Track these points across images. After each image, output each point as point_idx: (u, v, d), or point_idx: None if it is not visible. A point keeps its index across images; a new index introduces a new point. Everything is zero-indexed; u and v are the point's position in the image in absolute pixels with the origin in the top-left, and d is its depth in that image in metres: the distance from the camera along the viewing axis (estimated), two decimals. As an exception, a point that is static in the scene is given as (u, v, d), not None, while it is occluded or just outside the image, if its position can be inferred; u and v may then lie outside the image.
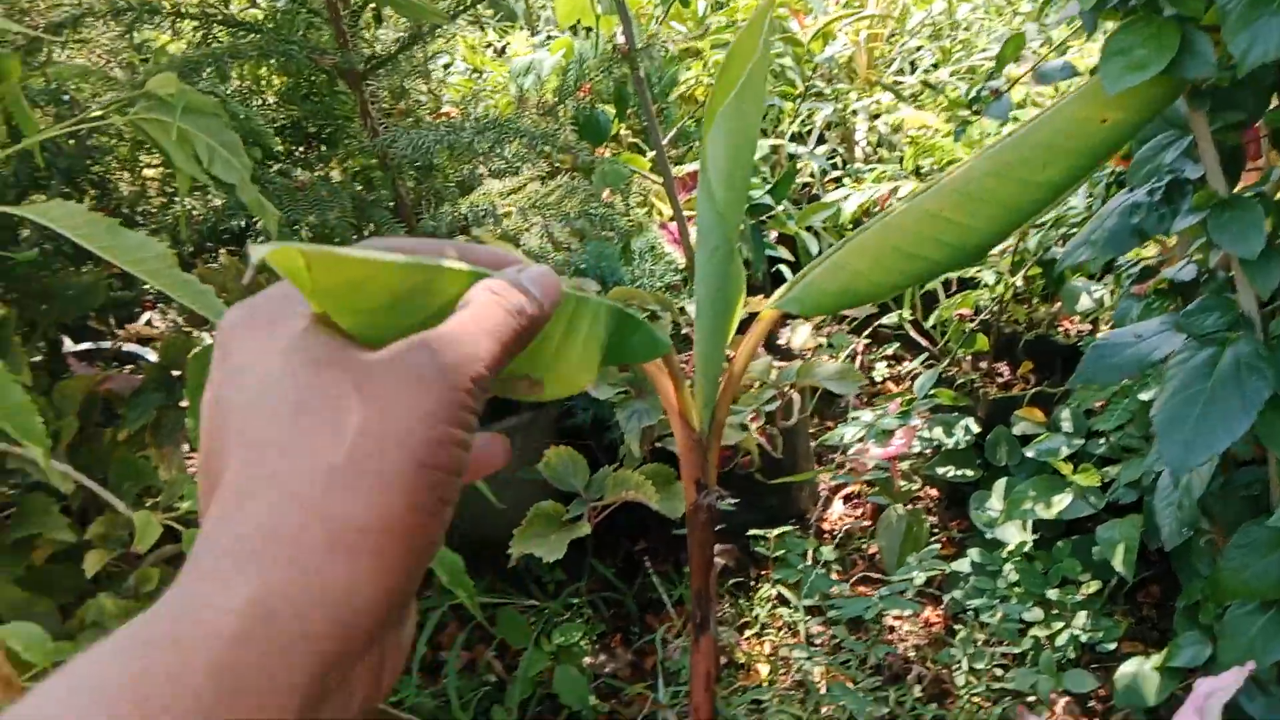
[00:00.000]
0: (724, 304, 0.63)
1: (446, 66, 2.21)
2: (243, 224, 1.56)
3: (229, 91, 1.64)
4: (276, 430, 0.31)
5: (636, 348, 0.52)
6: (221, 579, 0.29)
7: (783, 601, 1.70)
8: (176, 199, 1.66)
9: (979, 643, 1.52)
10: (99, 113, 1.10)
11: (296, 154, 1.76)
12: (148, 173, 1.83)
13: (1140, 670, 1.37)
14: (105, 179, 1.72)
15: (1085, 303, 1.68)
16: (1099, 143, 0.68)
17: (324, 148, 1.74)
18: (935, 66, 2.42)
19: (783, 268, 2.01)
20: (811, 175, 2.32)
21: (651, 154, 1.77)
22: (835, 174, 2.31)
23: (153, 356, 1.61)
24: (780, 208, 1.69)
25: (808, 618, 1.60)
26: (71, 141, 1.58)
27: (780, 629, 1.67)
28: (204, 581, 0.29)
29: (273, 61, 1.63)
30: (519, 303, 0.36)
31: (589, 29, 1.92)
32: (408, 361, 0.33)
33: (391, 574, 0.31)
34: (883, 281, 0.66)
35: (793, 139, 2.17)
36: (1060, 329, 1.96)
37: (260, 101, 1.71)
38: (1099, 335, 1.21)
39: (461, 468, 0.33)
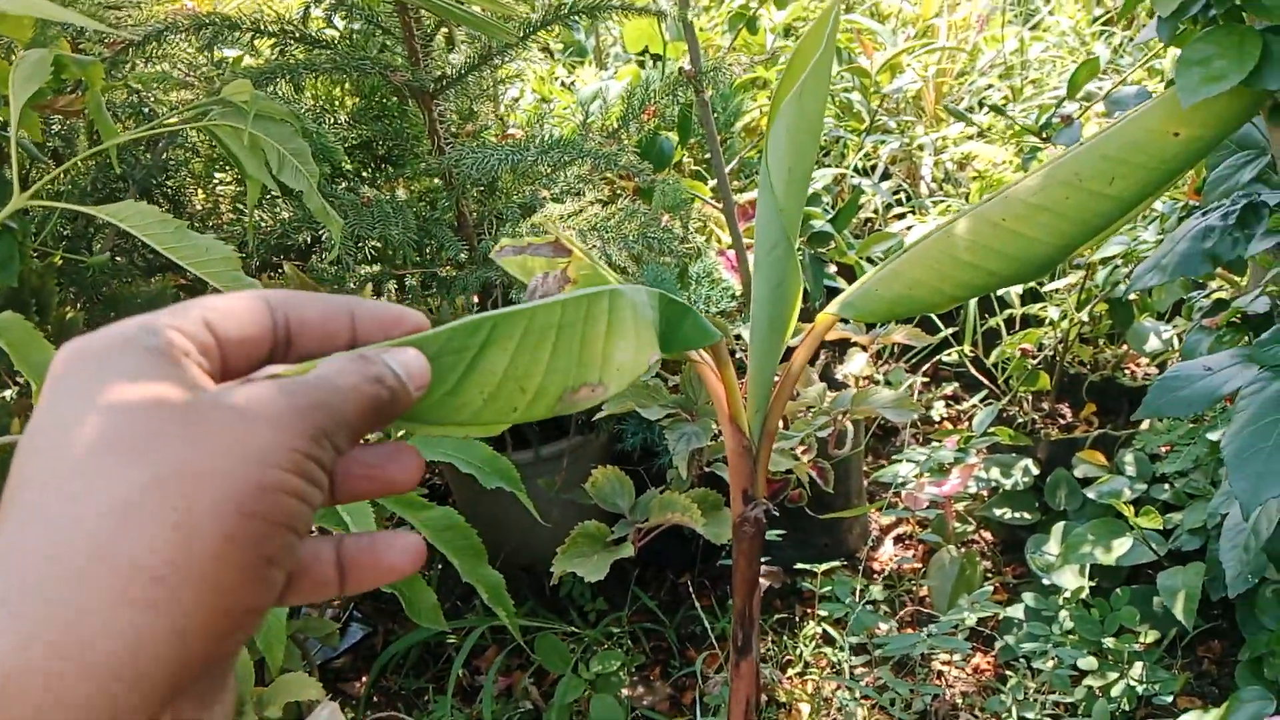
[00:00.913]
0: (781, 302, 0.62)
1: (516, 100, 2.24)
2: (308, 239, 1.59)
3: (302, 110, 1.68)
4: (76, 465, 0.26)
5: (688, 334, 0.51)
6: None
7: (827, 641, 1.66)
8: (247, 212, 1.71)
9: (1030, 691, 1.47)
10: (175, 120, 1.14)
11: (365, 174, 1.80)
12: (220, 189, 1.89)
13: (1200, 727, 1.31)
14: (179, 193, 1.77)
15: (1153, 344, 1.63)
16: (1171, 157, 0.66)
17: (391, 168, 1.78)
18: (1004, 104, 2.40)
19: (841, 302, 1.99)
20: (875, 211, 2.31)
21: (713, 182, 1.77)
22: (899, 210, 2.29)
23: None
24: (840, 238, 1.67)
25: (853, 657, 1.56)
26: (148, 155, 1.63)
27: (824, 668, 1.63)
28: None
29: (346, 82, 1.68)
30: (380, 374, 0.32)
31: (656, 58, 1.94)
32: (252, 398, 0.29)
33: (189, 637, 0.25)
34: (940, 290, 0.65)
35: (857, 172, 2.16)
36: (1126, 371, 1.91)
37: (332, 120, 1.75)
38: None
39: (298, 524, 0.28)
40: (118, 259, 1.64)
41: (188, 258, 1.04)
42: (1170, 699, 1.43)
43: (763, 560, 0.67)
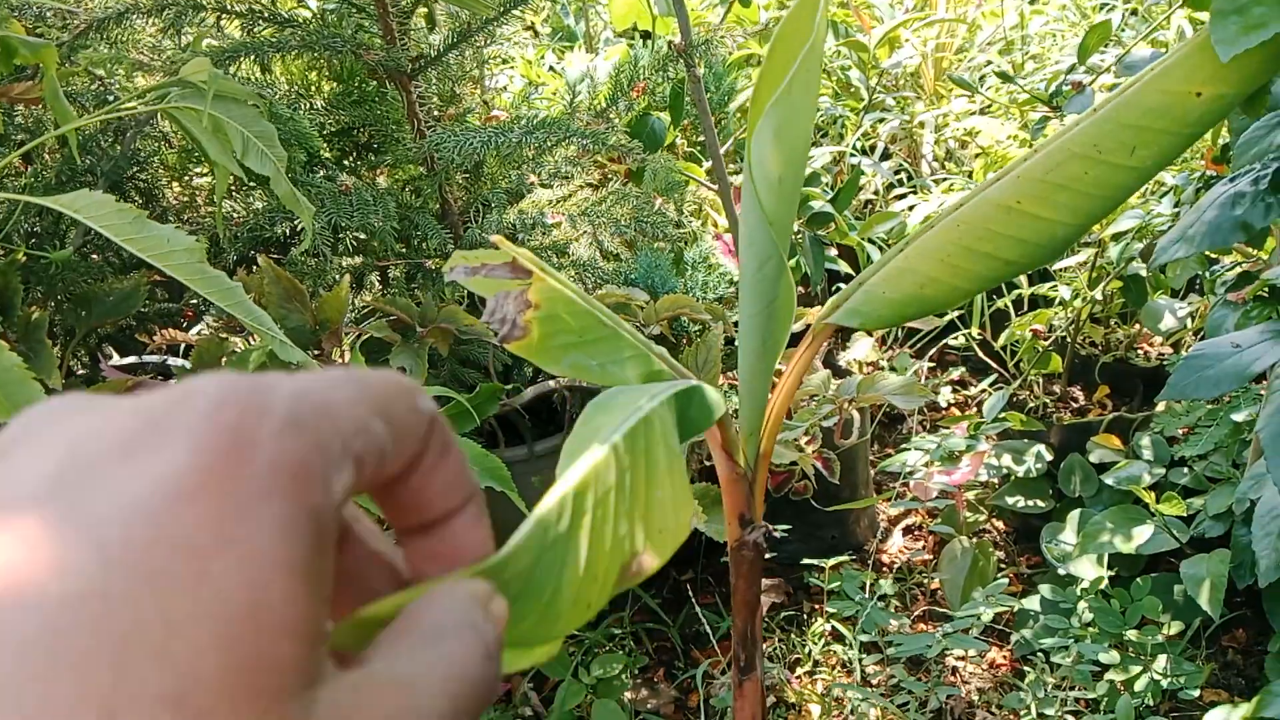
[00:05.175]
0: (772, 323, 0.56)
1: (504, 88, 2.17)
2: (287, 230, 1.53)
3: (276, 95, 1.61)
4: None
5: (695, 418, 0.45)
6: None
7: (837, 638, 1.60)
8: (216, 202, 1.64)
9: (1049, 686, 1.41)
10: (132, 103, 1.07)
11: (346, 162, 1.73)
12: (198, 182, 1.81)
13: (1228, 721, 1.25)
14: (153, 186, 1.70)
15: (1169, 322, 1.56)
16: (1194, 120, 0.59)
17: (374, 155, 1.71)
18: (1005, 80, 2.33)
19: (843, 285, 1.92)
20: (875, 192, 2.24)
21: (708, 164, 1.70)
22: (900, 190, 2.22)
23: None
24: (841, 218, 1.61)
25: (864, 655, 1.50)
26: (117, 146, 1.56)
27: (834, 667, 1.57)
28: None
29: (321, 62, 1.60)
30: (491, 649, 0.23)
31: (645, 35, 1.87)
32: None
33: None
34: (954, 286, 0.59)
35: (856, 151, 2.09)
36: (1140, 351, 1.84)
37: (309, 106, 1.68)
38: (1191, 347, 1.11)
39: None
40: (93, 255, 1.58)
41: (148, 249, 0.98)
42: (1197, 693, 1.37)
43: (768, 556, 0.62)
